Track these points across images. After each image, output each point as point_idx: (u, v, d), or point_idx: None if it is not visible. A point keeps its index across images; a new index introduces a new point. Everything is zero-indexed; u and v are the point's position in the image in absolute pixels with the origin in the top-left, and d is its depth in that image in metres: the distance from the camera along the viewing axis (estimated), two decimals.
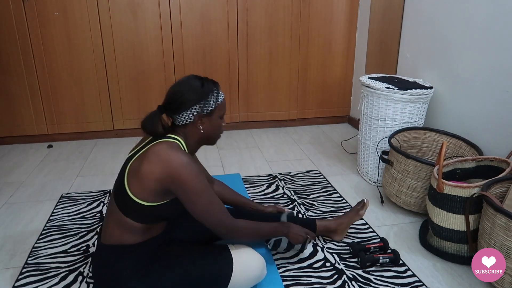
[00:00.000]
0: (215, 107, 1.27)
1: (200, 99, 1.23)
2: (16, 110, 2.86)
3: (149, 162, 1.15)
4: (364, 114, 2.25)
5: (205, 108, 1.24)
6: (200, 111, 1.24)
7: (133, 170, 1.18)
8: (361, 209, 1.69)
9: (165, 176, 1.14)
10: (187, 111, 1.23)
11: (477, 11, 1.90)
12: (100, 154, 2.75)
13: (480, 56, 1.89)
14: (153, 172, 1.14)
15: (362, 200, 1.73)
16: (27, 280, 1.46)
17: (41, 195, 2.15)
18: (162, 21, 2.86)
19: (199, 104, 1.23)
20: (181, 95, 1.22)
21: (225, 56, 3.04)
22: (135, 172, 1.17)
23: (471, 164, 1.71)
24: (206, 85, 1.26)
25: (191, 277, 1.22)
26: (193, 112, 1.23)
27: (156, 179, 1.14)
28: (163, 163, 1.14)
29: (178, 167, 1.14)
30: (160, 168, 1.14)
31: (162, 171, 1.13)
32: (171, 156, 1.14)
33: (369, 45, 3.01)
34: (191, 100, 1.22)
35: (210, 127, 1.29)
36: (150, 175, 1.14)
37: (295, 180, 2.30)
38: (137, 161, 1.19)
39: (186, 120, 1.24)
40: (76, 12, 2.73)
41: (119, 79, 2.93)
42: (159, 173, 1.14)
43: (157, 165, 1.14)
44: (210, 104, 1.25)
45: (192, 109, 1.23)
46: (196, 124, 1.26)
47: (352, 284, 1.43)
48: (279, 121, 3.33)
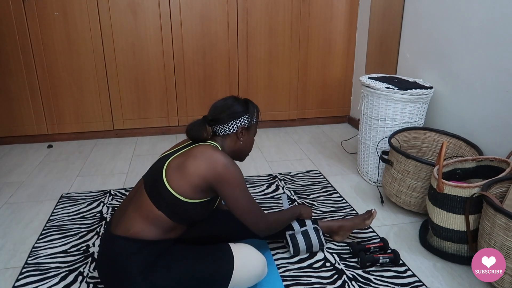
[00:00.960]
0: (254, 123, 1.42)
1: (246, 112, 1.37)
2: (16, 110, 2.86)
3: (195, 158, 1.23)
4: (364, 114, 2.25)
5: (248, 122, 1.38)
6: (244, 124, 1.36)
7: (175, 166, 1.24)
8: (367, 219, 1.66)
9: (211, 173, 1.21)
10: (233, 122, 1.35)
11: (477, 11, 1.90)
12: (100, 154, 2.75)
13: (480, 56, 1.89)
14: (199, 167, 1.21)
15: (370, 209, 1.69)
16: (27, 280, 1.46)
17: (41, 195, 2.15)
18: (162, 21, 2.86)
19: (245, 117, 1.36)
20: (230, 107, 1.35)
21: (225, 56, 3.04)
22: (179, 167, 1.23)
23: (471, 164, 1.71)
24: (250, 102, 1.41)
25: (193, 276, 1.22)
26: (237, 124, 1.35)
27: (200, 175, 1.21)
28: (210, 161, 1.22)
29: (224, 165, 1.22)
30: (206, 165, 1.21)
31: (208, 168, 1.21)
32: (217, 156, 1.23)
33: (369, 45, 3.01)
34: (239, 112, 1.35)
35: (247, 141, 1.41)
36: (195, 171, 1.21)
37: (295, 180, 2.30)
38: (180, 157, 1.26)
39: (230, 130, 1.35)
40: (76, 12, 2.73)
41: (119, 79, 2.93)
42: (205, 170, 1.21)
43: (204, 162, 1.22)
44: (253, 119, 1.39)
45: (237, 121, 1.35)
46: (238, 135, 1.37)
47: (352, 284, 1.43)
48: (279, 121, 3.33)
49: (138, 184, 1.36)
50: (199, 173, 1.21)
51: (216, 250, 1.29)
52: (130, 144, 2.95)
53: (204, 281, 1.23)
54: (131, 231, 1.22)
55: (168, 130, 3.16)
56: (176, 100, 3.07)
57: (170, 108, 3.08)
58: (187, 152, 1.27)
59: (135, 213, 1.24)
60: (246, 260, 1.29)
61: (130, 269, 1.19)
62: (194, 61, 3.00)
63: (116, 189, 2.19)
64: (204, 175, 1.21)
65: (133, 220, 1.23)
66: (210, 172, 1.21)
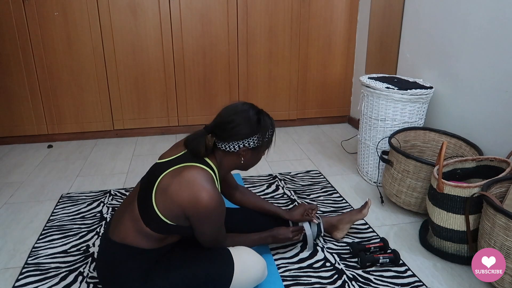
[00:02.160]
0: (263, 144, 1.27)
1: (252, 134, 1.22)
2: (16, 110, 2.86)
3: (180, 186, 1.14)
4: (364, 114, 2.25)
5: (253, 144, 1.24)
6: (248, 145, 1.23)
7: (162, 187, 1.17)
8: (363, 208, 1.69)
9: (190, 208, 1.14)
10: (235, 143, 1.22)
11: (477, 11, 1.90)
12: (100, 154, 2.75)
13: (480, 56, 1.89)
14: (180, 199, 1.14)
15: (365, 202, 1.72)
16: (27, 280, 1.46)
17: (41, 195, 2.15)
18: (162, 21, 2.86)
19: (249, 139, 1.23)
20: (234, 126, 1.21)
21: (225, 56, 3.04)
22: (164, 191, 1.16)
23: (471, 164, 1.71)
24: (263, 121, 1.24)
25: (193, 280, 1.22)
26: (239, 145, 1.23)
27: (181, 206, 1.15)
28: (193, 197, 1.13)
29: (206, 207, 1.14)
30: (188, 199, 1.13)
31: (190, 202, 1.14)
32: (203, 193, 1.13)
33: (369, 45, 3.01)
34: (243, 134, 1.21)
35: (250, 160, 1.29)
36: (176, 200, 1.14)
37: (295, 180, 2.30)
38: (169, 178, 1.17)
39: (230, 149, 1.23)
40: (76, 12, 2.73)
41: (119, 79, 2.93)
42: (186, 203, 1.14)
43: (187, 195, 1.13)
44: (260, 141, 1.25)
45: (240, 142, 1.22)
46: (239, 156, 1.25)
47: (352, 284, 1.43)
48: (279, 121, 3.32)
49: (135, 189, 1.31)
50: (179, 203, 1.14)
51: (215, 254, 1.28)
52: (130, 144, 2.95)
53: (204, 285, 1.23)
54: (126, 240, 1.21)
55: (168, 130, 3.16)
56: (176, 100, 3.07)
57: (170, 108, 3.08)
58: (177, 173, 1.17)
59: (130, 224, 1.22)
60: (246, 263, 1.28)
61: (129, 274, 1.19)
62: (194, 61, 3.00)
63: (116, 189, 2.19)
64: (184, 207, 1.15)
65: (128, 230, 1.21)
66: (190, 206, 1.14)
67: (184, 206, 1.14)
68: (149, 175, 1.26)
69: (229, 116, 1.22)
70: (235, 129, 1.21)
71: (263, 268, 1.32)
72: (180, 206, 1.15)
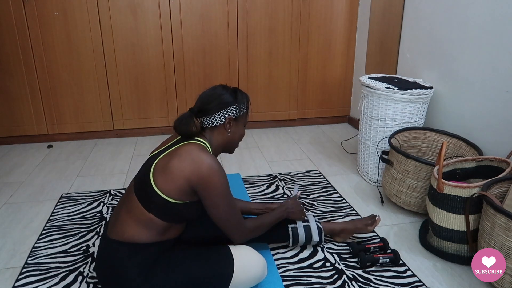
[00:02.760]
0: (244, 113, 1.35)
1: (235, 102, 1.31)
2: (16, 110, 2.86)
3: (179, 159, 1.18)
4: (364, 114, 2.25)
5: (237, 112, 1.32)
6: (231, 114, 1.31)
7: (161, 166, 1.20)
8: (370, 225, 1.65)
9: (194, 176, 1.17)
10: (220, 113, 1.29)
11: (477, 11, 1.90)
12: (100, 154, 2.75)
13: (480, 56, 1.89)
14: (183, 170, 1.17)
15: (375, 215, 1.68)
16: (27, 280, 1.46)
17: (41, 195, 2.15)
18: (162, 21, 2.86)
19: (233, 107, 1.31)
20: (217, 97, 1.30)
21: (225, 56, 3.04)
22: (164, 168, 1.19)
23: (471, 164, 1.71)
24: (239, 92, 1.35)
25: (193, 278, 1.22)
26: (225, 114, 1.30)
27: (184, 177, 1.17)
28: (195, 163, 1.17)
29: (209, 169, 1.17)
30: (190, 167, 1.17)
31: (193, 170, 1.16)
32: (203, 158, 1.18)
33: (369, 45, 3.01)
34: (227, 102, 1.30)
35: (236, 132, 1.36)
36: (179, 172, 1.17)
37: (295, 180, 2.30)
38: (166, 158, 1.21)
39: (217, 121, 1.30)
40: (76, 12, 2.73)
41: (119, 79, 2.93)
42: (189, 172, 1.16)
43: (188, 164, 1.17)
44: (242, 109, 1.33)
45: (225, 111, 1.29)
46: (225, 127, 1.32)
47: (352, 284, 1.43)
48: (279, 121, 3.33)
49: (129, 186, 1.32)
50: (182, 174, 1.16)
51: (216, 252, 1.29)
52: (130, 144, 2.95)
53: (204, 283, 1.23)
54: (125, 235, 1.21)
55: (168, 130, 3.16)
56: (176, 100, 3.07)
57: (170, 108, 3.08)
58: (173, 151, 1.22)
59: (127, 217, 1.22)
60: (246, 262, 1.28)
61: (128, 273, 1.19)
62: (194, 61, 3.00)
63: (116, 189, 2.19)
64: (187, 177, 1.16)
65: (126, 224, 1.21)
66: (193, 174, 1.16)
67: (187, 176, 1.16)
68: (142, 168, 1.29)
69: (210, 92, 1.33)
70: (218, 99, 1.29)
71: (263, 267, 1.32)
72: (184, 177, 1.16)
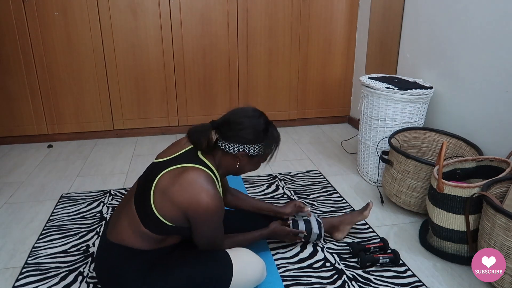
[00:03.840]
0: (262, 155, 1.28)
1: (255, 142, 1.23)
2: (16, 110, 2.86)
3: (181, 189, 1.15)
4: (364, 114, 2.25)
5: (253, 152, 1.25)
6: (247, 151, 1.24)
7: (163, 188, 1.17)
8: (365, 210, 1.69)
9: (191, 210, 1.15)
10: (236, 145, 1.23)
11: (477, 11, 1.90)
12: (100, 154, 2.75)
13: (480, 56, 1.89)
14: (181, 202, 1.14)
15: (367, 203, 1.72)
16: (27, 280, 1.46)
17: (41, 195, 2.15)
18: (162, 21, 2.86)
19: (250, 146, 1.23)
20: (241, 129, 1.22)
21: (225, 56, 3.04)
22: (164, 192, 1.16)
23: (471, 164, 1.71)
24: (270, 133, 1.26)
25: (192, 282, 1.22)
26: (239, 148, 1.23)
27: (181, 208, 1.15)
28: (194, 198, 1.14)
29: (206, 209, 1.14)
30: (189, 200, 1.14)
31: (190, 203, 1.14)
32: (203, 194, 1.14)
33: (369, 45, 3.01)
34: (247, 139, 1.22)
35: (246, 166, 1.30)
36: (176, 201, 1.15)
37: (295, 180, 2.30)
38: (169, 179, 1.17)
39: (230, 150, 1.24)
40: (76, 12, 2.73)
41: (119, 79, 2.93)
42: (187, 204, 1.14)
43: (187, 196, 1.14)
44: (260, 151, 1.26)
45: (241, 146, 1.23)
46: (236, 159, 1.26)
47: (352, 284, 1.43)
48: (279, 121, 3.32)
49: (132, 188, 1.31)
50: (180, 206, 1.15)
51: (214, 256, 1.28)
52: (130, 144, 2.95)
53: (203, 285, 1.23)
54: (124, 240, 1.21)
55: (168, 130, 3.16)
56: (176, 100, 3.07)
57: (170, 108, 3.08)
58: (177, 174, 1.17)
59: (126, 224, 1.22)
60: (245, 265, 1.28)
61: (127, 276, 1.19)
62: (194, 61, 3.00)
63: (116, 189, 2.19)
64: (184, 209, 1.15)
65: (125, 231, 1.21)
66: (190, 209, 1.15)
67: (184, 207, 1.15)
68: (146, 175, 1.26)
69: (239, 117, 1.24)
70: (241, 131, 1.22)
71: (262, 269, 1.32)
72: (181, 208, 1.15)
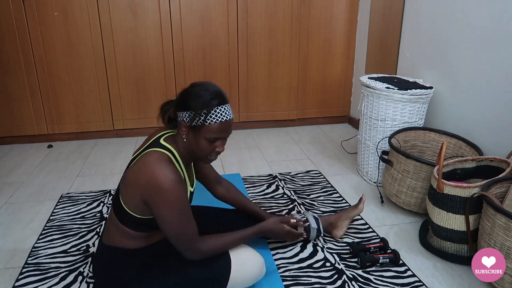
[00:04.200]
0: (202, 125, 1.15)
1: (197, 109, 1.14)
2: (16, 110, 2.86)
3: (136, 172, 1.12)
4: (364, 114, 2.25)
5: (193, 121, 1.15)
6: (187, 120, 1.16)
7: (124, 177, 1.16)
8: (359, 204, 1.72)
9: (146, 190, 1.09)
10: (182, 114, 1.17)
11: (477, 11, 1.90)
12: (100, 154, 2.75)
13: (480, 56, 1.89)
14: (136, 183, 1.11)
15: (360, 197, 1.75)
16: (27, 280, 1.46)
17: (41, 195, 2.15)
18: (162, 21, 2.86)
19: (192, 113, 1.14)
20: (188, 96, 1.16)
21: (225, 56, 3.04)
22: (124, 181, 1.15)
23: (471, 164, 1.71)
24: (215, 100, 1.15)
25: (190, 278, 1.22)
26: (183, 118, 1.17)
27: (138, 191, 1.11)
28: (147, 175, 1.08)
29: (160, 184, 1.07)
30: (143, 180, 1.09)
31: (144, 182, 1.09)
32: (157, 171, 1.08)
33: (369, 45, 3.01)
34: (187, 105, 1.15)
35: (192, 142, 1.18)
36: (134, 186, 1.12)
37: (295, 180, 2.30)
38: (131, 169, 1.17)
39: (178, 121, 1.21)
40: (76, 12, 2.73)
41: (119, 79, 2.93)
42: (141, 185, 1.09)
43: (142, 176, 1.10)
44: (200, 120, 1.14)
45: (184, 114, 1.16)
46: (181, 131, 1.20)
47: (352, 284, 1.43)
48: (279, 121, 3.33)
49: None
50: (137, 190, 1.10)
51: None
52: (130, 144, 2.95)
53: (202, 283, 1.23)
54: (115, 242, 1.21)
55: None
56: None
57: None
58: (137, 161, 1.14)
59: (112, 226, 1.22)
60: (244, 261, 1.28)
61: (124, 277, 1.19)
62: (194, 61, 3.00)
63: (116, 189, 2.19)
64: (141, 193, 1.09)
65: (112, 233, 1.22)
66: (145, 189, 1.08)
67: (141, 191, 1.10)
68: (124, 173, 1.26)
69: (192, 87, 1.20)
70: (188, 99, 1.16)
71: (260, 265, 1.31)
72: (139, 192, 1.10)
